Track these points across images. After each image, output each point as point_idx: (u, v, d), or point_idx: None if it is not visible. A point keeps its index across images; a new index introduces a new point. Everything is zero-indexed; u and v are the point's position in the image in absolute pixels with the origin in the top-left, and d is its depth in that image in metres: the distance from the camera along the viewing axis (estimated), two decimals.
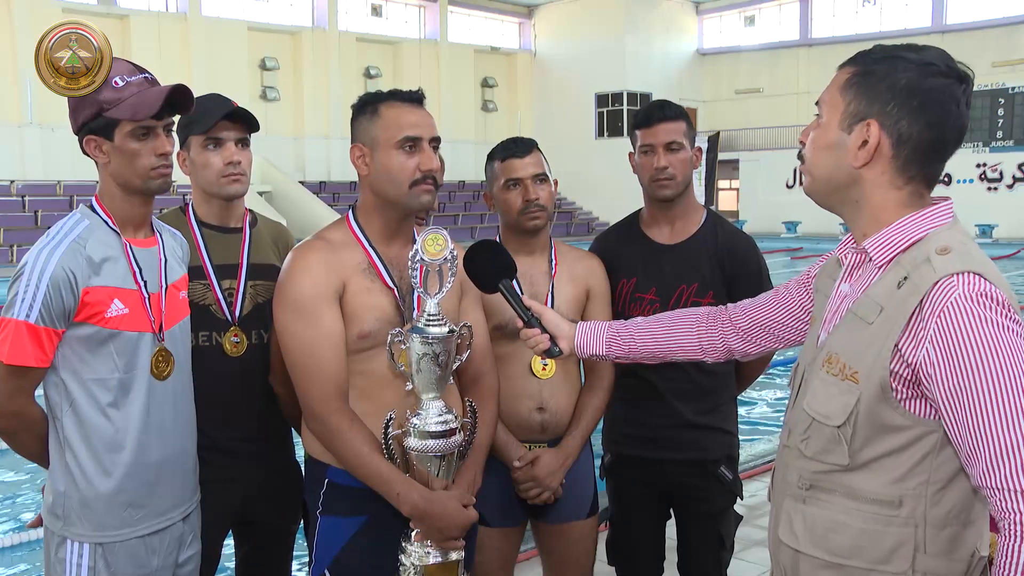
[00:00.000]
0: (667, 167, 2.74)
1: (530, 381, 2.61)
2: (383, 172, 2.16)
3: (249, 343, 2.51)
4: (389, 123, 2.16)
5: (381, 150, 2.16)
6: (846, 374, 1.56)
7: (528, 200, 2.60)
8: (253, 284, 2.54)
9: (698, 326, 2.10)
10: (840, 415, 1.57)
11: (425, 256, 2.04)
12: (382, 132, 2.16)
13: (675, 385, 2.79)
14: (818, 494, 1.63)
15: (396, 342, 2.07)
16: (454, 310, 2.26)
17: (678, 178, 2.76)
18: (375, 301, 2.16)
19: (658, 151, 2.75)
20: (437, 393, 2.09)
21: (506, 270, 2.21)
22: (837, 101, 1.62)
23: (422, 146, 2.16)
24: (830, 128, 1.62)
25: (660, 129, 2.75)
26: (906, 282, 1.52)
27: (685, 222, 2.84)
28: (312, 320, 2.10)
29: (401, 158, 2.15)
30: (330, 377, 2.10)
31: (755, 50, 34.78)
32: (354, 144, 2.21)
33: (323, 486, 2.20)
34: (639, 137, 2.80)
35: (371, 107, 2.19)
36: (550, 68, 34.13)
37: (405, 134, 2.14)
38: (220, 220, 2.56)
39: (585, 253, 2.84)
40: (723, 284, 2.77)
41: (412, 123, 2.16)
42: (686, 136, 2.78)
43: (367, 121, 2.19)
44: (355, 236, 2.22)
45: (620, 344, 2.15)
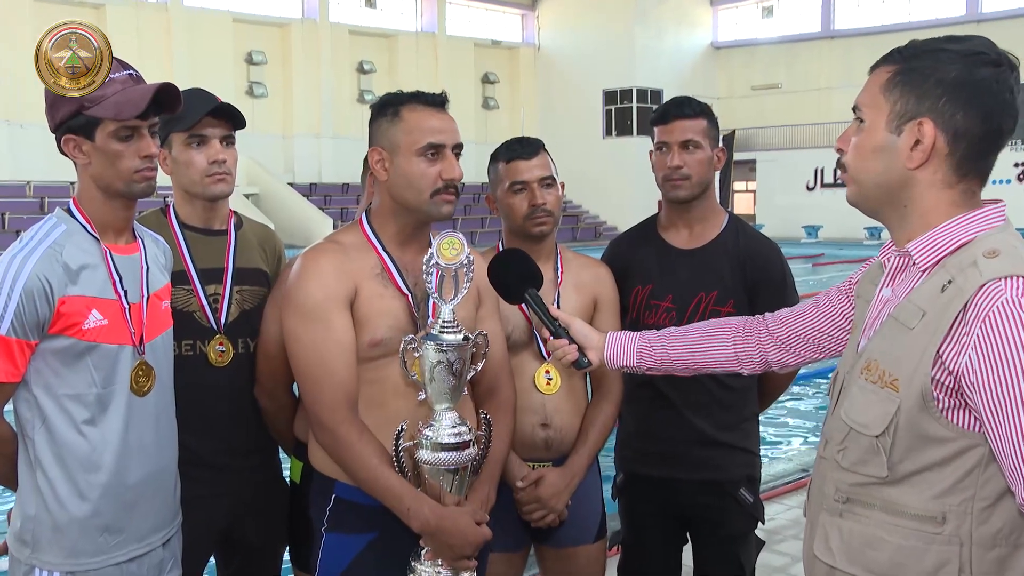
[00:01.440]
0: (681, 167, 2.75)
1: (533, 396, 2.61)
2: (403, 179, 2.18)
3: (235, 352, 2.51)
4: (411, 128, 2.17)
5: (402, 156, 2.17)
6: (885, 381, 1.56)
7: (535, 205, 2.61)
8: (239, 289, 2.54)
9: (734, 336, 2.11)
10: (879, 424, 1.57)
11: (441, 260, 2.05)
12: (403, 137, 2.17)
13: (692, 399, 2.78)
14: (855, 508, 1.63)
15: (409, 349, 2.09)
16: (470, 318, 2.27)
17: (693, 179, 2.76)
18: (388, 307, 2.17)
19: (673, 150, 2.76)
20: (451, 404, 2.10)
21: (532, 279, 2.23)
22: (880, 102, 1.62)
23: (445, 153, 2.18)
24: (876, 131, 1.62)
25: (676, 127, 2.76)
26: (950, 286, 1.52)
27: (704, 226, 2.85)
28: (322, 326, 2.11)
29: (422, 165, 2.16)
30: (340, 386, 2.11)
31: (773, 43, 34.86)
32: (373, 147, 2.23)
33: (330, 502, 2.20)
34: (656, 134, 2.82)
35: (392, 109, 2.20)
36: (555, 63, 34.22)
37: (428, 140, 2.16)
38: (203, 222, 2.56)
39: (592, 260, 2.84)
40: (745, 292, 2.77)
41: (435, 129, 2.18)
42: (706, 135, 2.78)
43: (387, 124, 2.20)
44: (368, 240, 2.23)
45: (652, 355, 2.17)
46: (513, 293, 2.25)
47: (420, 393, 2.11)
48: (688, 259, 2.81)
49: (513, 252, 2.32)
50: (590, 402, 2.72)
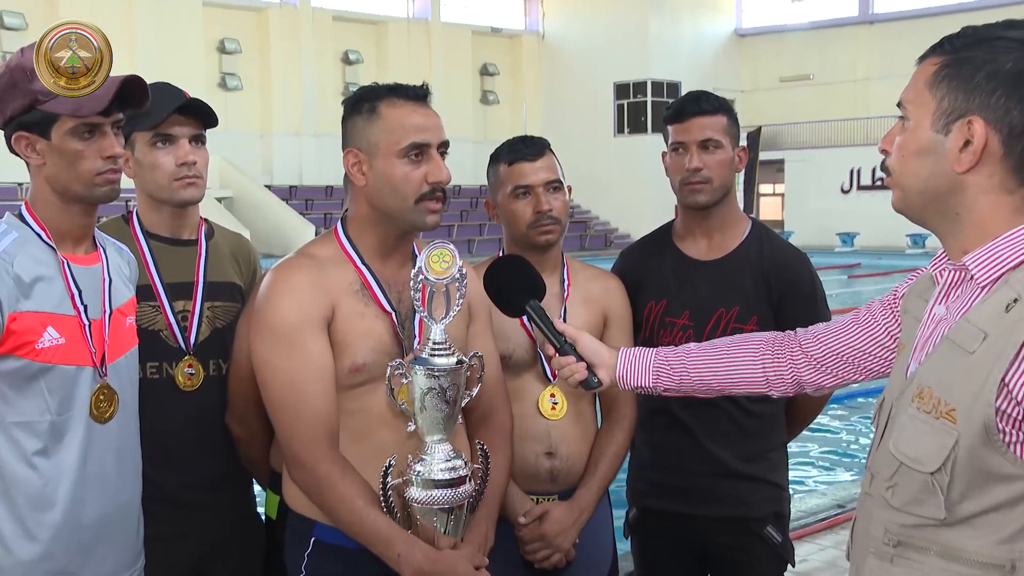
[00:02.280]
0: (700, 169, 2.75)
1: (537, 422, 2.61)
2: (384, 183, 2.17)
3: (206, 374, 2.51)
4: (391, 126, 2.16)
5: (381, 158, 2.17)
6: (941, 411, 1.54)
7: (540, 211, 2.61)
8: (211, 306, 2.55)
9: (763, 354, 2.10)
10: (934, 460, 1.54)
11: (430, 275, 2.05)
12: (383, 136, 2.16)
13: (713, 426, 2.78)
14: (908, 552, 1.60)
15: (396, 375, 2.08)
16: (462, 337, 2.27)
17: (714, 182, 2.77)
18: (370, 327, 2.16)
19: (691, 150, 2.76)
20: (444, 435, 2.09)
21: (534, 289, 2.22)
22: (925, 99, 1.60)
23: (430, 153, 2.17)
24: (921, 130, 1.61)
25: (694, 124, 2.77)
26: (1016, 304, 1.50)
27: (725, 234, 2.85)
28: (296, 351, 2.10)
29: (405, 168, 2.15)
30: (318, 418, 2.10)
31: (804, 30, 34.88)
32: (348, 149, 2.21)
33: (308, 546, 2.19)
34: (671, 133, 2.82)
35: (368, 105, 2.19)
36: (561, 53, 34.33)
37: (411, 140, 2.15)
38: (171, 231, 2.56)
39: (601, 272, 2.85)
40: (770, 308, 2.77)
41: (419, 126, 2.17)
42: (727, 133, 2.79)
43: (364, 122, 2.19)
44: (345, 252, 2.22)
45: (670, 374, 2.15)
46: (513, 305, 2.24)
47: (409, 424, 2.10)
48: (707, 271, 2.82)
49: (512, 259, 2.32)
50: (600, 429, 2.72)
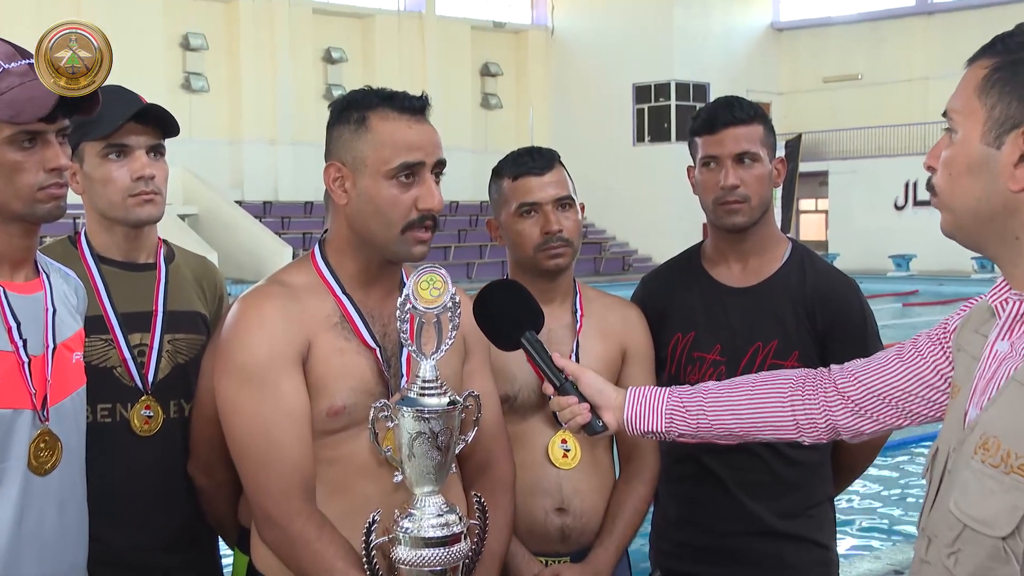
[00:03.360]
0: (737, 186, 2.75)
1: (546, 472, 2.62)
2: (368, 205, 2.18)
3: (166, 417, 2.52)
4: (382, 141, 2.17)
5: (368, 176, 2.17)
6: (1012, 465, 1.53)
7: (549, 232, 2.62)
8: (172, 339, 2.56)
9: (792, 395, 2.10)
10: (1005, 522, 1.53)
11: (419, 303, 2.05)
12: (371, 152, 2.17)
13: (747, 477, 2.78)
14: None
15: (381, 418, 2.08)
16: (455, 375, 2.28)
17: (752, 200, 2.77)
18: (351, 365, 2.17)
19: (725, 165, 2.76)
20: (435, 486, 2.09)
21: (531, 319, 2.24)
22: (974, 107, 1.61)
23: (423, 176, 2.18)
24: (970, 144, 1.61)
25: (728, 136, 2.76)
26: None
27: (762, 258, 2.86)
28: (267, 392, 2.11)
29: (393, 190, 2.16)
30: (292, 468, 2.10)
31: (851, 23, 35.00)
32: (330, 162, 2.22)
33: None
34: (700, 146, 2.82)
35: (357, 114, 2.20)
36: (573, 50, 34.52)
37: (402, 160, 2.16)
38: (125, 254, 2.57)
39: (619, 300, 2.86)
40: (813, 341, 2.78)
41: (412, 144, 2.17)
42: (764, 144, 2.80)
43: (351, 133, 2.20)
44: (323, 280, 2.24)
45: (685, 418, 2.15)
46: (506, 337, 2.24)
47: (396, 474, 2.10)
48: (741, 300, 2.83)
49: (504, 284, 2.33)
50: (618, 480, 2.73)
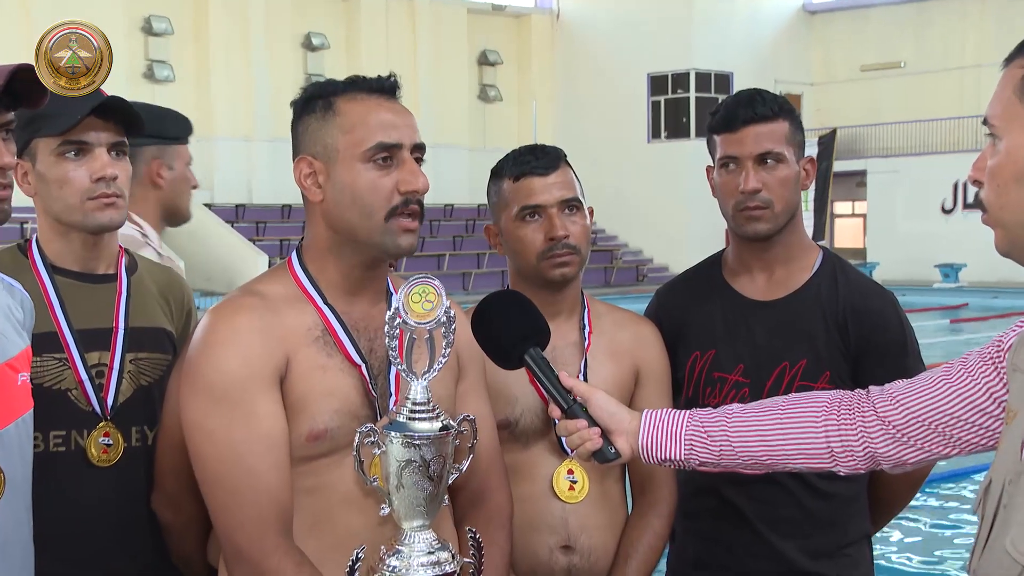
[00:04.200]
0: (759, 190, 2.76)
1: (551, 506, 2.63)
2: (345, 196, 2.19)
3: (127, 446, 2.52)
4: (352, 124, 2.19)
5: (342, 164, 2.19)
6: None
7: (554, 238, 2.63)
8: (134, 358, 2.56)
9: (827, 419, 2.10)
10: None
11: (409, 317, 2.05)
12: (342, 138, 2.19)
13: (774, 512, 2.79)
14: None
15: (366, 444, 2.07)
16: (448, 397, 2.29)
17: (776, 206, 2.78)
18: (334, 383, 2.18)
19: (746, 166, 2.76)
20: (426, 520, 2.08)
21: (536, 334, 2.25)
22: (1016, 111, 1.62)
23: (402, 157, 2.19)
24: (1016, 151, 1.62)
25: (748, 135, 2.77)
26: None
27: (789, 268, 2.87)
28: (240, 414, 2.11)
29: (371, 175, 2.18)
30: (267, 499, 2.11)
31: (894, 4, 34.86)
32: (300, 157, 2.24)
33: None
34: (719, 145, 2.83)
35: (323, 102, 2.22)
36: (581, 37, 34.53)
37: (377, 140, 2.17)
38: (83, 264, 2.58)
39: (632, 315, 2.87)
40: (846, 361, 2.79)
41: (386, 123, 2.19)
42: (790, 142, 2.80)
43: (318, 122, 2.22)
44: (303, 289, 2.25)
45: (707, 445, 2.15)
46: (508, 355, 2.25)
47: (382, 506, 2.09)
48: (766, 315, 2.84)
49: (505, 295, 2.34)
50: (631, 514, 2.74)
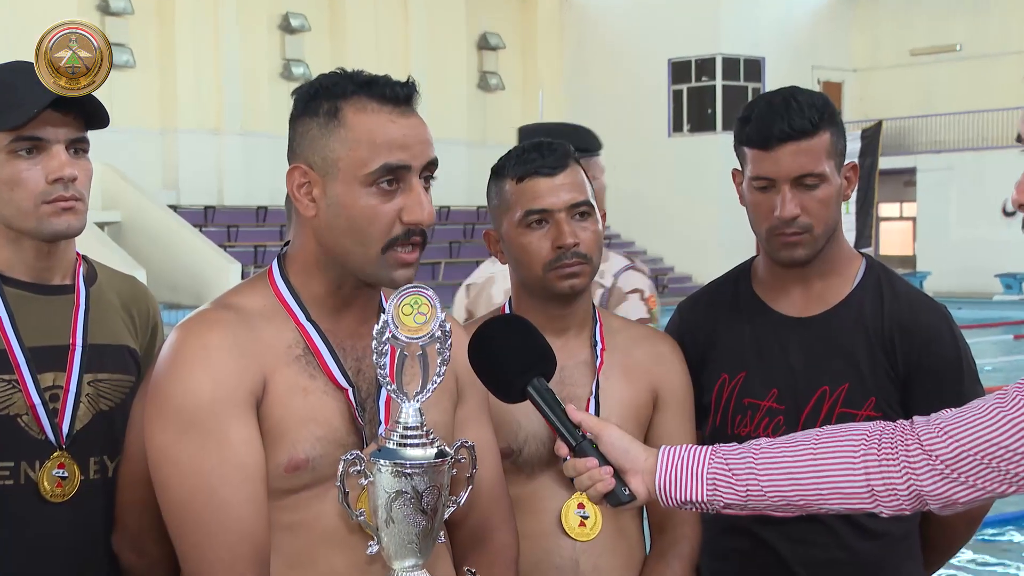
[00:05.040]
0: (797, 216, 2.72)
1: (560, 545, 2.64)
2: (340, 218, 2.19)
3: (84, 479, 2.52)
4: (358, 140, 2.18)
5: (341, 181, 2.19)
6: None
7: (562, 246, 2.63)
8: (93, 380, 2.57)
9: (866, 454, 2.10)
10: None
11: (400, 332, 2.06)
12: (345, 152, 2.18)
13: (815, 554, 2.79)
14: None
15: (352, 474, 2.08)
16: (445, 422, 2.29)
17: (817, 229, 2.75)
18: (317, 408, 2.18)
19: (782, 190, 2.72)
20: (419, 559, 2.09)
21: (541, 362, 2.26)
22: None
23: (409, 182, 2.19)
24: None
25: (785, 154, 2.71)
26: None
27: (828, 281, 2.87)
28: (211, 441, 2.11)
29: (372, 200, 2.17)
30: (241, 536, 2.10)
31: None
32: (295, 164, 2.23)
33: None
34: (749, 160, 2.79)
35: (329, 105, 2.21)
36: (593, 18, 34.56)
37: (383, 161, 2.17)
38: (35, 275, 2.57)
39: (650, 331, 2.89)
40: (893, 385, 2.79)
41: (397, 142, 2.18)
42: (832, 154, 2.75)
43: (319, 129, 2.21)
44: (283, 303, 2.25)
45: (732, 485, 2.15)
46: (509, 387, 2.27)
47: (370, 543, 2.10)
48: (803, 333, 2.84)
49: (505, 321, 2.35)
50: (649, 555, 2.74)
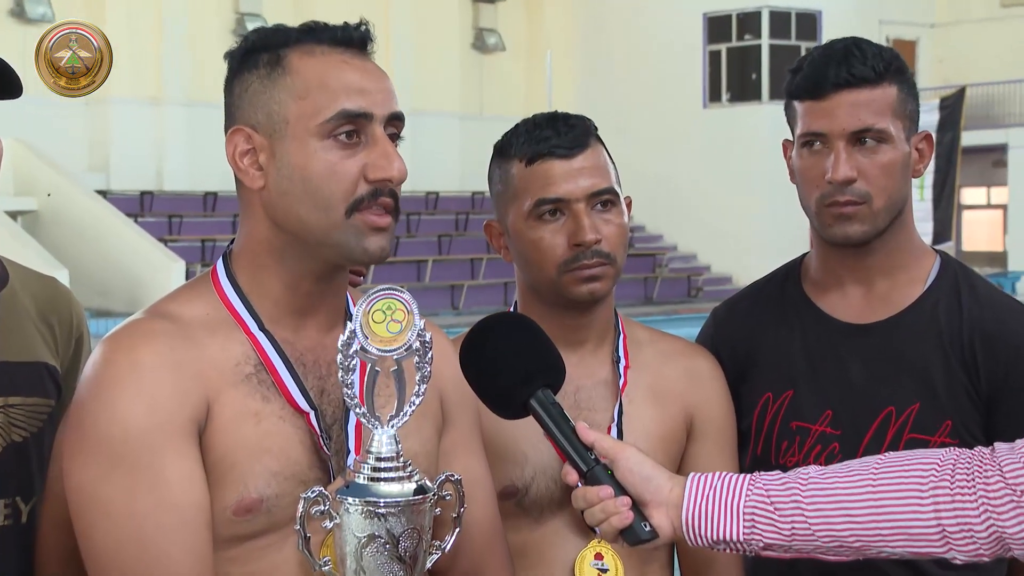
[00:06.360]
0: (853, 179, 2.76)
1: None
2: (295, 183, 2.20)
3: None
4: (307, 87, 2.20)
5: (291, 140, 2.20)
6: None
7: (581, 243, 2.65)
8: (3, 405, 2.60)
9: (935, 488, 2.11)
10: None
11: (371, 344, 2.07)
12: (293, 105, 2.20)
13: None
14: None
15: (315, 515, 2.08)
16: (428, 454, 2.31)
17: (876, 202, 2.78)
18: (272, 436, 2.19)
19: (836, 147, 2.77)
20: None
21: (548, 370, 2.29)
22: None
23: (372, 132, 2.21)
24: None
25: (842, 103, 2.76)
26: None
27: (895, 280, 2.91)
28: (145, 480, 2.12)
29: (330, 156, 2.19)
30: None
31: None
32: (234, 128, 2.25)
33: None
34: (800, 115, 2.84)
35: (268, 56, 2.24)
36: None
37: (340, 108, 2.19)
38: None
39: (683, 344, 2.91)
40: (974, 407, 2.81)
41: (353, 86, 2.20)
42: (899, 114, 2.80)
43: (261, 83, 2.24)
44: (230, 310, 2.27)
45: (775, 521, 2.17)
46: (508, 400, 2.29)
47: None
48: (864, 343, 2.87)
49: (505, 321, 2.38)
50: None
